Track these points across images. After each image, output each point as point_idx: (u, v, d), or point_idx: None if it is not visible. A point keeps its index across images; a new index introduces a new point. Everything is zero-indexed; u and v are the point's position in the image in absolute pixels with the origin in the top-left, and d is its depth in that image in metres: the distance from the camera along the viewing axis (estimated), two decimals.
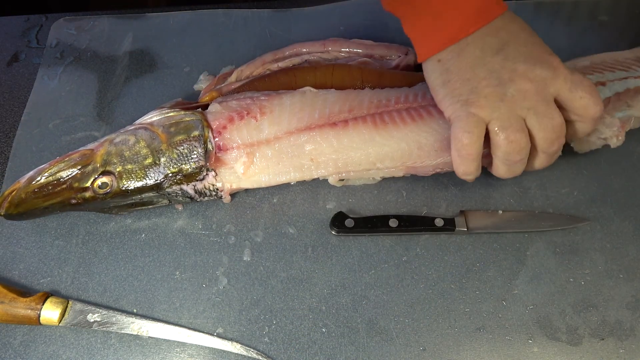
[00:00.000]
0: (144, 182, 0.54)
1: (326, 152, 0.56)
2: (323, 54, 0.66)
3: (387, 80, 0.61)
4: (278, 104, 0.57)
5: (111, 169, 0.54)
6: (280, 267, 0.55)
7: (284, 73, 0.62)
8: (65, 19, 0.75)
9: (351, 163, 0.57)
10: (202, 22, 0.74)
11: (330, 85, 0.61)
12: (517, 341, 0.51)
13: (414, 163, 0.57)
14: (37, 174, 0.54)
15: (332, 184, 0.59)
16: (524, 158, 0.51)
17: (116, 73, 0.70)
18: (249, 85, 0.62)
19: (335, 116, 0.57)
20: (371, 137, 0.56)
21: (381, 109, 0.57)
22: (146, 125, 0.57)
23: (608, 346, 0.50)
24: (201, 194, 0.57)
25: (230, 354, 0.51)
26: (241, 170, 0.56)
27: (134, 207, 0.57)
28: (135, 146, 0.55)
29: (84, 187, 0.54)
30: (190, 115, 0.57)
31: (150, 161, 0.55)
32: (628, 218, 0.57)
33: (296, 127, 0.56)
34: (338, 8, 0.75)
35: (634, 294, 0.53)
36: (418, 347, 0.51)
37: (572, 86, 0.50)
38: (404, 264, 0.55)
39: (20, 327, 0.52)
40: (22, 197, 0.53)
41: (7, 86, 0.70)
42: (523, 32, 0.52)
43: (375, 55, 0.66)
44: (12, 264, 0.56)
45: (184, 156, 0.55)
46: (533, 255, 0.55)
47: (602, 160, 0.61)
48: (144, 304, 0.53)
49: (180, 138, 0.55)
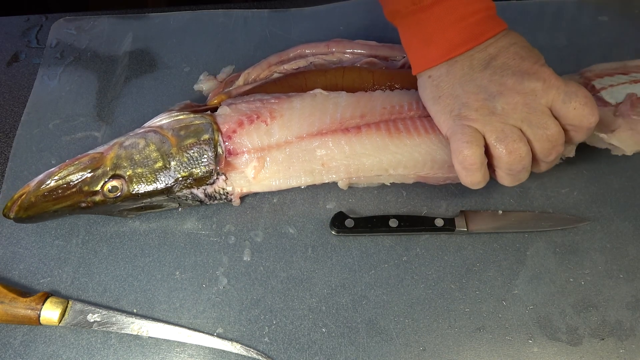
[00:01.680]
0: (155, 186, 0.54)
1: (338, 158, 0.56)
2: (327, 55, 0.66)
3: (399, 82, 0.61)
4: (288, 108, 0.57)
5: (121, 173, 0.54)
6: (280, 267, 0.55)
7: (294, 76, 0.62)
8: (65, 19, 0.75)
9: (363, 169, 0.57)
10: (202, 22, 0.74)
11: (341, 87, 0.60)
12: (517, 341, 0.51)
13: (426, 173, 0.57)
14: (46, 178, 0.54)
15: (341, 187, 0.59)
16: (527, 166, 0.51)
17: (116, 73, 0.70)
18: (259, 89, 0.61)
19: (347, 121, 0.56)
20: (384, 145, 0.56)
21: (394, 115, 0.57)
22: (155, 128, 0.56)
23: (608, 346, 0.51)
24: (211, 198, 0.57)
25: (230, 354, 0.51)
26: (252, 175, 0.56)
27: (144, 210, 0.57)
28: (145, 150, 0.55)
29: (94, 190, 0.54)
30: (200, 118, 0.56)
31: (161, 165, 0.54)
32: (628, 218, 0.57)
33: (307, 132, 0.56)
34: (338, 8, 0.75)
35: (634, 294, 0.53)
36: (418, 347, 0.51)
37: (565, 97, 0.50)
38: (404, 264, 0.55)
39: (20, 327, 0.52)
40: (32, 201, 0.53)
41: (7, 86, 0.70)
42: (513, 46, 0.52)
43: (380, 55, 0.66)
44: (12, 264, 0.56)
45: (195, 160, 0.55)
46: (533, 255, 0.55)
47: (602, 160, 0.61)
48: (144, 304, 0.53)
49: (190, 141, 0.55)
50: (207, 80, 0.67)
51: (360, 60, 0.65)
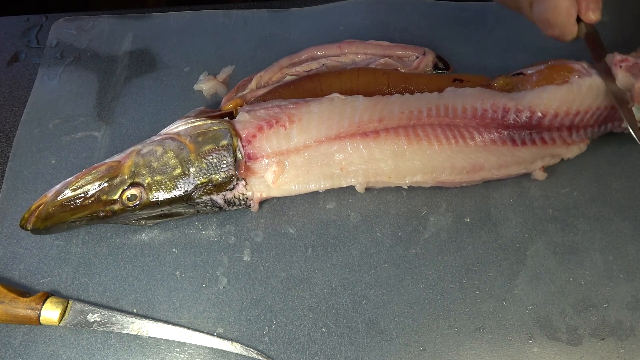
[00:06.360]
0: (174, 193, 0.54)
1: (356, 162, 0.56)
2: (340, 57, 0.66)
3: (414, 84, 0.61)
4: (306, 112, 0.57)
5: (140, 181, 0.54)
6: (280, 267, 0.55)
7: (309, 79, 0.62)
8: (65, 19, 0.75)
9: (381, 174, 0.57)
10: (202, 22, 0.74)
11: (357, 90, 0.60)
12: (517, 341, 0.51)
13: (445, 179, 0.57)
14: (63, 188, 0.53)
15: (358, 190, 0.58)
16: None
17: (116, 73, 0.70)
18: (275, 93, 0.61)
19: (365, 125, 0.56)
20: (403, 151, 0.56)
21: (413, 121, 0.57)
22: (173, 135, 0.56)
23: (608, 346, 0.51)
24: (230, 204, 0.57)
25: (230, 354, 0.51)
26: (271, 179, 0.56)
27: (162, 218, 0.57)
28: (163, 157, 0.55)
29: (113, 199, 0.53)
30: (218, 124, 0.56)
31: (180, 172, 0.54)
32: (628, 218, 0.57)
33: (326, 136, 0.56)
34: (338, 8, 0.75)
35: (634, 294, 0.53)
36: (418, 347, 0.51)
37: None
38: (404, 264, 0.55)
39: (20, 327, 0.52)
40: (50, 212, 0.53)
41: (7, 86, 0.70)
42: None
43: (394, 55, 0.65)
44: (12, 264, 0.56)
45: (214, 166, 0.54)
46: (533, 255, 0.55)
47: (602, 160, 0.61)
48: (144, 304, 0.53)
49: (208, 147, 0.55)
50: (207, 80, 0.67)
51: (374, 61, 0.64)
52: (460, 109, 0.57)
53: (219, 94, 0.67)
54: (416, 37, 0.69)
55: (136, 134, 0.64)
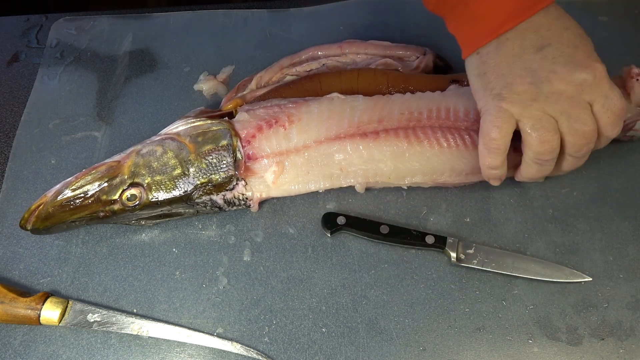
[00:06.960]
0: (174, 193, 0.54)
1: (356, 163, 0.56)
2: (340, 57, 0.66)
3: (413, 85, 0.61)
4: (306, 112, 0.57)
5: (139, 181, 0.54)
6: (280, 267, 0.55)
7: (309, 79, 0.62)
8: (65, 19, 0.75)
9: (381, 175, 0.57)
10: (202, 22, 0.74)
11: (357, 90, 0.60)
12: (517, 341, 0.51)
13: (444, 180, 0.57)
14: (63, 188, 0.53)
15: (358, 190, 0.58)
16: (554, 158, 0.51)
17: (116, 73, 0.70)
18: (274, 93, 0.61)
19: (365, 126, 0.56)
20: (403, 152, 0.56)
21: (413, 122, 0.56)
22: (172, 135, 0.56)
23: (608, 346, 0.51)
24: (230, 204, 0.57)
25: (230, 354, 0.51)
26: (271, 179, 0.56)
27: (161, 218, 0.57)
28: (163, 157, 0.55)
29: (112, 199, 0.53)
30: (217, 124, 0.56)
31: (179, 172, 0.54)
32: (628, 218, 0.57)
33: (325, 136, 0.56)
34: (338, 8, 0.75)
35: (634, 294, 0.53)
36: (418, 347, 0.51)
37: (605, 102, 0.49)
38: (404, 264, 0.55)
39: (20, 327, 0.52)
40: (50, 212, 0.53)
41: (7, 86, 0.70)
42: (567, 32, 0.50)
43: (394, 56, 0.65)
44: (12, 264, 0.56)
45: (214, 166, 0.55)
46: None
47: (602, 160, 0.61)
48: (144, 304, 0.53)
49: (208, 148, 0.55)
50: (207, 80, 0.67)
51: (375, 61, 0.64)
52: (462, 112, 0.57)
53: (219, 94, 0.67)
54: (416, 37, 0.69)
55: (136, 134, 0.64)
